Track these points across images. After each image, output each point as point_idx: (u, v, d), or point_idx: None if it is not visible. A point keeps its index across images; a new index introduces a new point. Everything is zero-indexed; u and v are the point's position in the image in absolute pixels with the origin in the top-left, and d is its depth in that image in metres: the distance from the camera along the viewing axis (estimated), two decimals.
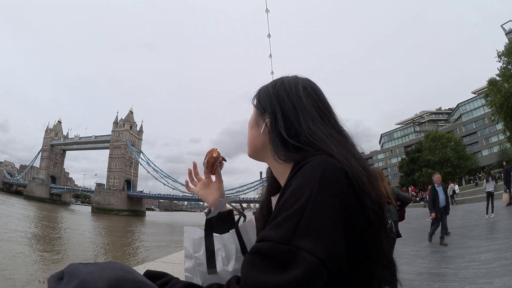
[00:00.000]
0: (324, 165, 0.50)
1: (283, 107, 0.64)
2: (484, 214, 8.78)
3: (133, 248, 17.90)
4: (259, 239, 0.49)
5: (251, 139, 0.71)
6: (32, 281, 8.78)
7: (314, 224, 0.45)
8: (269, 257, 0.45)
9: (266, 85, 0.72)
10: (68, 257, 13.00)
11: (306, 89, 0.66)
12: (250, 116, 0.73)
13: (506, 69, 23.11)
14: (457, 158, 39.67)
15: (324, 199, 0.47)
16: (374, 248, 0.51)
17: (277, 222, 0.48)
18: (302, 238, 0.45)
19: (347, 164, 0.51)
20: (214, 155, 0.82)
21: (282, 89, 0.67)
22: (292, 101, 0.64)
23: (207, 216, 0.67)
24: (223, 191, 0.83)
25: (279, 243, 0.45)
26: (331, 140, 0.57)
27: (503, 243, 5.00)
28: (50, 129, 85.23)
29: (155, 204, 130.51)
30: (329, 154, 0.53)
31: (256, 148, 0.69)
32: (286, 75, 0.71)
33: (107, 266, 0.50)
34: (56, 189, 75.54)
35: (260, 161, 0.72)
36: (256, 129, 0.69)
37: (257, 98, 0.71)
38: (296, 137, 0.60)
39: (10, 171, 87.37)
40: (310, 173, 0.50)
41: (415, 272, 4.09)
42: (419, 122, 68.37)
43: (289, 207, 0.48)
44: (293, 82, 0.67)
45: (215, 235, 0.67)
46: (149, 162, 74.56)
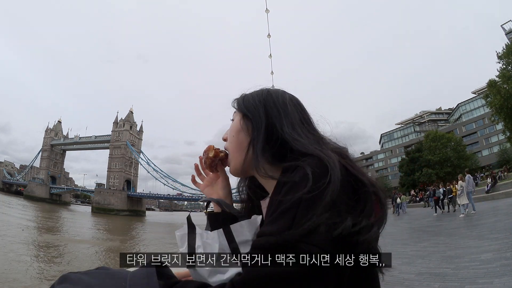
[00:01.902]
0: (314, 165, 0.52)
1: (273, 115, 0.66)
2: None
3: (133, 248, 17.90)
4: (258, 234, 0.52)
5: (238, 145, 0.70)
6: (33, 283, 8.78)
7: (310, 215, 0.46)
8: (268, 250, 0.47)
9: (251, 93, 0.72)
10: (68, 256, 13.01)
11: (291, 100, 0.70)
12: (234, 122, 0.72)
13: (506, 70, 23.15)
14: (457, 158, 39.69)
15: (317, 192, 0.48)
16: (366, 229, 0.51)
17: (274, 217, 0.50)
18: (300, 229, 0.46)
19: (332, 162, 0.53)
20: (211, 155, 0.75)
21: (270, 98, 0.69)
22: (279, 108, 0.67)
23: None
24: (229, 190, 0.78)
25: (278, 236, 0.47)
26: (315, 143, 0.61)
27: (503, 243, 5.00)
28: (50, 129, 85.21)
29: (155, 204, 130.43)
30: (316, 155, 0.55)
31: (245, 156, 0.68)
32: (270, 87, 0.73)
33: (104, 275, 0.50)
34: (56, 189, 75.48)
35: (247, 176, 0.73)
36: (243, 134, 0.69)
37: (242, 103, 0.71)
38: (284, 143, 0.62)
39: (10, 171, 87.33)
40: (302, 173, 0.52)
41: (415, 272, 4.09)
42: (419, 122, 68.36)
43: (286, 202, 0.49)
44: (280, 93, 0.71)
45: (198, 233, 0.68)
46: (149, 162, 74.66)
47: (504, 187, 16.66)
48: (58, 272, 9.97)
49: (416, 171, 41.96)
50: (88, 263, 11.84)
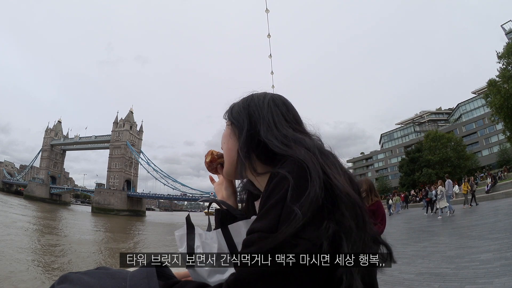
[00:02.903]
0: (297, 165, 0.53)
1: (255, 118, 0.68)
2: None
3: (133, 248, 17.90)
4: (248, 232, 0.52)
5: (228, 151, 0.73)
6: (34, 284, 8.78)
7: (296, 208, 0.47)
8: (258, 248, 0.47)
9: (238, 102, 0.75)
10: (68, 256, 13.01)
11: (274, 101, 0.72)
12: (225, 130, 0.76)
13: (506, 70, 23.15)
14: (457, 158, 39.70)
15: (301, 187, 0.50)
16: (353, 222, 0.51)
17: (262, 214, 0.51)
18: (287, 224, 0.47)
19: (314, 161, 0.54)
20: (207, 160, 0.81)
21: (253, 103, 0.71)
22: (259, 111, 0.69)
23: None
24: (233, 190, 0.81)
25: (267, 232, 0.48)
26: (300, 144, 0.61)
27: (503, 243, 5.00)
28: (50, 129, 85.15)
29: (155, 204, 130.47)
30: (300, 156, 0.56)
31: (235, 162, 0.71)
32: (255, 92, 0.76)
33: (104, 275, 0.51)
34: (56, 189, 75.46)
35: (242, 178, 0.76)
36: (232, 140, 0.72)
37: (231, 112, 0.74)
38: (271, 138, 0.63)
39: (10, 171, 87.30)
40: (288, 170, 0.53)
41: (415, 272, 4.09)
42: (419, 122, 68.32)
43: (272, 199, 0.51)
44: (261, 96, 0.73)
45: (197, 233, 0.70)
46: (149, 162, 74.62)
47: (504, 187, 16.64)
48: (58, 272, 9.97)
49: (416, 171, 41.96)
50: (88, 263, 11.84)
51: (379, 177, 60.20)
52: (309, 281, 0.46)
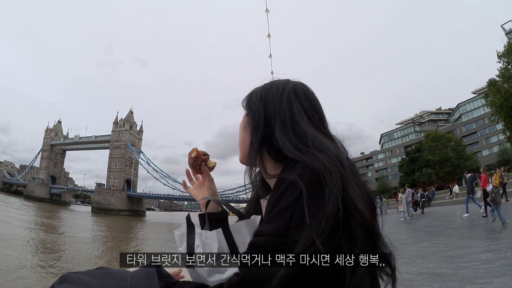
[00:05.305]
0: (311, 169, 0.51)
1: (270, 112, 0.64)
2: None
3: (133, 248, 17.90)
4: (255, 234, 0.51)
5: (242, 142, 0.70)
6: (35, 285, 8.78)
7: (307, 215, 0.46)
8: (264, 250, 0.46)
9: (258, 88, 0.70)
10: (68, 256, 13.01)
11: (296, 92, 0.66)
12: (242, 119, 0.72)
13: (506, 69, 23.16)
14: (457, 158, 39.72)
15: (314, 193, 0.48)
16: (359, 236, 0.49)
17: (271, 217, 0.49)
18: (297, 230, 0.45)
19: (335, 172, 0.50)
20: (193, 156, 0.81)
21: (270, 93, 0.66)
22: (275, 105, 0.64)
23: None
24: (214, 190, 0.81)
25: (275, 236, 0.47)
26: (319, 143, 0.57)
27: (503, 243, 5.01)
28: (50, 129, 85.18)
29: (155, 204, 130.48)
30: (315, 157, 0.53)
31: (247, 154, 0.68)
32: (278, 79, 0.71)
33: (104, 275, 0.50)
34: (56, 189, 75.49)
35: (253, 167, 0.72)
36: (247, 132, 0.69)
37: (248, 101, 0.70)
38: (284, 141, 0.60)
39: (10, 171, 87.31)
40: (300, 175, 0.50)
41: (415, 272, 4.09)
42: (419, 122, 68.33)
43: (282, 202, 0.49)
44: (281, 86, 0.67)
45: (197, 232, 0.70)
46: (149, 162, 74.64)
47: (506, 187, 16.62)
48: (58, 271, 9.97)
49: (416, 171, 41.97)
50: (88, 263, 11.84)
51: (379, 177, 60.20)
52: (317, 284, 0.46)
